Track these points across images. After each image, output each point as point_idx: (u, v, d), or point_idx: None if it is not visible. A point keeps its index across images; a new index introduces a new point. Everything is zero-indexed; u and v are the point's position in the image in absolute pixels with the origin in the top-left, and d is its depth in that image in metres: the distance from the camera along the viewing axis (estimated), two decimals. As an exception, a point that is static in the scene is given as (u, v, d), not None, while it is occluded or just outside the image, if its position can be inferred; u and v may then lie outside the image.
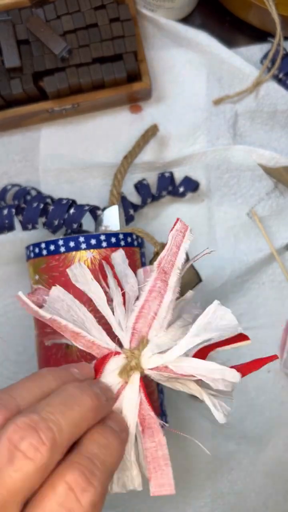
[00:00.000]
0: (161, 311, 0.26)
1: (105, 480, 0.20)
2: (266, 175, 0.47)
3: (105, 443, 0.21)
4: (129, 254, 0.38)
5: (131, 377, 0.25)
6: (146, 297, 0.27)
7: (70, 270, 0.28)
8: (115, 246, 0.37)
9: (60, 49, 0.44)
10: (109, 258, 0.35)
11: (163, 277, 0.27)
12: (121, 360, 0.26)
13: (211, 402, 0.25)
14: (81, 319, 0.27)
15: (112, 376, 0.25)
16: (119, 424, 0.23)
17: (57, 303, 0.27)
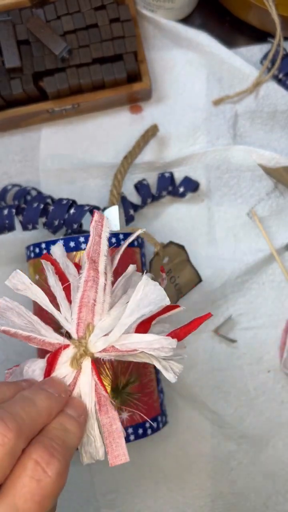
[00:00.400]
0: (98, 296, 0.29)
1: (66, 455, 0.23)
2: (266, 175, 0.47)
3: (63, 427, 0.25)
4: (129, 254, 0.38)
5: (82, 365, 0.28)
6: (83, 288, 0.29)
7: (9, 281, 0.30)
8: (116, 246, 0.37)
9: (60, 50, 0.44)
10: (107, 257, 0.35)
11: (93, 267, 0.29)
12: (71, 351, 0.28)
13: (161, 365, 0.28)
14: (29, 322, 0.29)
15: (64, 367, 0.28)
16: (77, 410, 0.27)
17: (8, 312, 0.29)
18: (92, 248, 0.30)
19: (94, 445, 0.28)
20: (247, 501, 0.45)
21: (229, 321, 0.47)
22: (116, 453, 0.27)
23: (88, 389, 0.28)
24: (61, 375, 0.28)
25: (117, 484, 0.44)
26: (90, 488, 0.44)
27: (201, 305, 0.46)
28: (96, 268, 0.29)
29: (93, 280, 0.29)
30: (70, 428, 0.25)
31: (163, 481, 0.45)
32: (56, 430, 0.24)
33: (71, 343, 0.28)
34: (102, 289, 0.29)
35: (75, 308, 0.29)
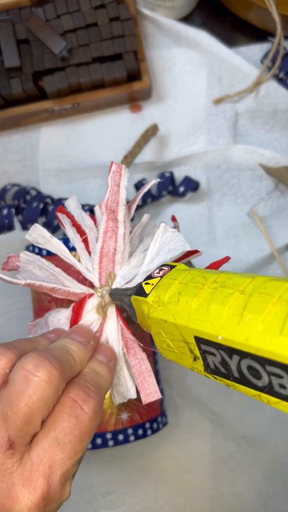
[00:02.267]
0: (118, 245, 0.30)
1: (99, 395, 0.25)
2: (266, 175, 0.47)
3: (95, 371, 0.27)
4: None
5: (108, 311, 0.29)
6: (103, 238, 0.30)
7: (29, 235, 0.30)
8: None
9: (60, 49, 0.44)
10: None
11: (112, 216, 0.30)
12: (95, 299, 0.29)
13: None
14: (52, 274, 0.30)
15: (91, 315, 0.29)
16: (106, 354, 0.28)
17: (29, 265, 0.30)
18: (111, 199, 0.30)
19: (125, 386, 0.29)
20: (247, 501, 0.45)
21: (229, 321, 0.47)
22: (148, 391, 0.28)
23: (115, 334, 0.29)
24: (88, 323, 0.29)
25: (117, 485, 0.44)
26: (90, 489, 0.44)
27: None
28: (116, 218, 0.30)
29: (112, 230, 0.30)
30: (101, 372, 0.27)
31: (163, 481, 0.45)
32: (89, 373, 0.26)
33: (95, 292, 0.29)
34: (122, 238, 0.30)
35: (96, 258, 0.30)
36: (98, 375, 0.26)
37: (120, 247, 0.30)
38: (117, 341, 0.29)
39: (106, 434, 0.36)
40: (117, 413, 0.36)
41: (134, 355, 0.29)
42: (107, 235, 0.30)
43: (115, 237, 0.30)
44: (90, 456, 0.45)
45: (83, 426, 0.23)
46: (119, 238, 0.30)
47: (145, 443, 0.45)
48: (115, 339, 0.29)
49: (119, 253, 0.30)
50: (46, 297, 0.36)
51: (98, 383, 0.26)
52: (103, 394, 0.26)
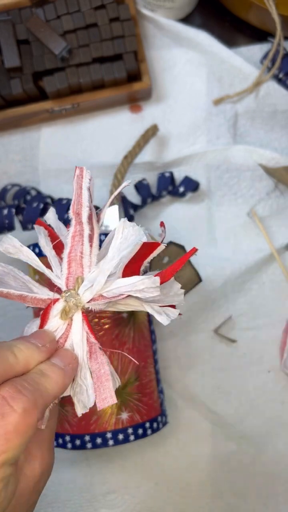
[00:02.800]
0: (84, 248, 0.29)
1: (37, 396, 0.23)
2: (266, 175, 0.47)
3: (42, 373, 0.25)
4: None
5: (74, 317, 0.29)
6: (71, 243, 0.30)
7: (1, 245, 0.30)
8: None
9: (60, 49, 0.44)
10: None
11: (78, 220, 0.30)
12: (60, 304, 0.29)
13: (152, 309, 0.28)
14: (23, 282, 0.30)
15: (55, 320, 0.29)
16: (63, 359, 0.27)
17: (5, 277, 0.30)
18: (76, 202, 0.30)
19: (86, 394, 0.28)
20: (247, 501, 0.45)
21: (229, 321, 0.47)
22: (103, 396, 0.27)
23: (79, 339, 0.28)
24: (53, 328, 0.29)
25: (117, 484, 0.44)
26: (90, 489, 0.44)
27: (201, 305, 0.46)
28: (80, 220, 0.30)
29: (80, 234, 0.29)
30: (50, 374, 0.25)
31: (163, 481, 0.45)
32: (32, 374, 0.25)
33: (61, 297, 0.29)
34: (88, 240, 0.29)
35: (65, 263, 0.29)
36: (44, 376, 0.25)
37: (86, 249, 0.29)
38: (81, 346, 0.28)
39: (106, 433, 0.36)
40: (117, 413, 0.36)
41: (95, 360, 0.28)
42: (75, 239, 0.29)
43: (82, 239, 0.29)
44: (90, 456, 0.45)
45: (9, 425, 0.22)
46: (85, 240, 0.29)
47: (145, 443, 0.45)
48: (78, 344, 0.28)
49: (86, 256, 0.29)
50: None
51: (39, 384, 0.24)
52: (46, 397, 0.24)
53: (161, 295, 0.28)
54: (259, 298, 0.47)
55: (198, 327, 0.46)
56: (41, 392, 0.24)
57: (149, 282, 0.26)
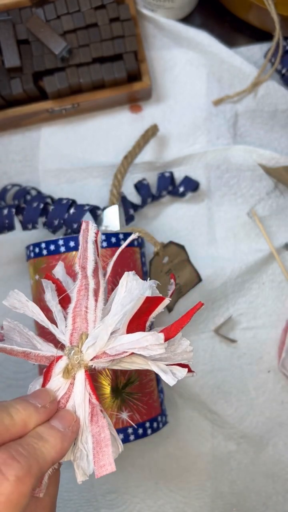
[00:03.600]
0: (89, 303, 0.29)
1: (32, 463, 0.22)
2: (266, 175, 0.47)
3: (39, 436, 0.24)
4: (129, 254, 0.38)
5: (76, 375, 0.27)
6: (76, 297, 0.29)
7: (7, 301, 0.30)
8: (115, 246, 0.37)
9: (60, 49, 0.44)
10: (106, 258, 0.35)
11: (84, 274, 0.29)
12: (63, 362, 0.28)
13: (158, 367, 0.26)
14: (27, 338, 0.29)
15: (58, 379, 0.27)
16: (63, 421, 0.25)
17: (11, 332, 0.30)
18: (82, 255, 0.29)
19: (86, 460, 0.26)
20: (247, 501, 0.45)
21: (229, 321, 0.47)
22: (102, 463, 0.26)
23: (80, 400, 0.27)
24: (55, 387, 0.27)
25: (117, 484, 0.44)
26: (90, 489, 0.44)
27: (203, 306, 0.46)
28: (86, 274, 0.29)
29: (85, 289, 0.29)
30: (48, 438, 0.24)
31: (163, 481, 0.45)
32: (29, 438, 0.23)
33: (64, 354, 0.28)
34: (92, 295, 0.29)
35: (69, 319, 0.29)
36: (41, 440, 0.23)
37: (91, 304, 0.28)
38: (83, 408, 0.27)
39: (106, 433, 0.36)
40: (117, 413, 0.36)
41: (96, 422, 0.27)
42: (81, 294, 0.29)
43: (87, 294, 0.29)
44: (90, 456, 0.45)
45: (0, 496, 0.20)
46: (90, 294, 0.28)
47: (145, 443, 0.45)
48: (80, 406, 0.27)
49: (90, 311, 0.28)
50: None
51: (36, 449, 0.23)
52: (42, 463, 0.23)
53: (168, 353, 0.27)
54: (259, 298, 0.47)
55: (198, 327, 0.46)
56: (37, 458, 0.22)
57: (152, 339, 0.25)
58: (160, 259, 0.43)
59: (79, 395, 0.27)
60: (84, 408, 0.27)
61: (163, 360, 0.27)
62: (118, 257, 0.36)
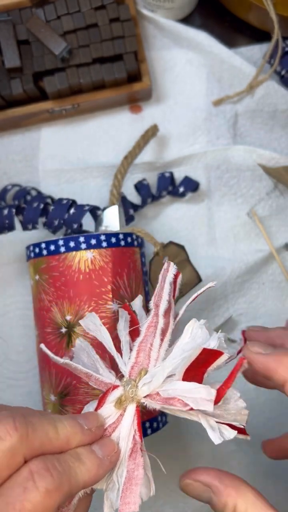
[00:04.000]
0: (155, 341, 0.29)
1: (64, 480, 0.22)
2: (266, 175, 0.47)
3: (78, 457, 0.24)
4: (129, 254, 0.38)
5: (127, 408, 0.28)
6: (145, 333, 0.30)
7: (83, 321, 0.31)
8: (116, 246, 0.37)
9: (60, 49, 0.44)
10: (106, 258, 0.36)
11: (156, 312, 0.30)
12: (119, 392, 0.28)
13: (207, 422, 0.26)
14: (93, 361, 0.30)
15: (110, 407, 0.28)
16: (103, 449, 0.26)
17: (81, 352, 0.31)
18: (158, 294, 0.30)
19: (116, 493, 0.26)
20: (247, 501, 0.45)
21: (229, 321, 0.47)
22: (127, 500, 0.26)
23: (125, 433, 0.27)
24: (105, 414, 0.28)
25: (117, 484, 0.44)
26: (90, 488, 0.44)
27: (201, 305, 0.46)
28: (157, 313, 0.29)
29: (154, 326, 0.29)
30: (85, 460, 0.24)
31: (163, 481, 0.45)
32: (68, 455, 0.24)
33: (121, 385, 0.28)
34: (159, 334, 0.29)
35: (134, 352, 0.29)
36: (78, 461, 0.24)
37: (157, 343, 0.29)
38: (126, 442, 0.27)
39: (106, 433, 0.36)
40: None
41: (134, 459, 0.27)
42: (149, 330, 0.29)
43: (155, 332, 0.29)
44: (90, 455, 0.45)
45: (28, 502, 0.20)
46: (157, 333, 0.29)
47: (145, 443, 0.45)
48: (124, 439, 0.27)
49: (154, 349, 0.29)
50: (46, 297, 0.36)
51: (71, 467, 0.23)
52: (74, 483, 0.23)
53: (221, 410, 0.27)
54: (259, 298, 0.47)
55: (198, 327, 0.46)
56: (70, 477, 0.23)
57: (204, 392, 0.25)
58: (160, 259, 0.43)
59: (126, 428, 0.27)
60: (127, 442, 0.27)
61: (215, 416, 0.27)
62: (118, 257, 0.36)
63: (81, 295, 0.35)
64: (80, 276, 0.35)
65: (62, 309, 0.36)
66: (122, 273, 0.37)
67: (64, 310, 0.36)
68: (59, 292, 0.36)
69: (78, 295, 0.35)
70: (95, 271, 0.36)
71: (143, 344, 0.29)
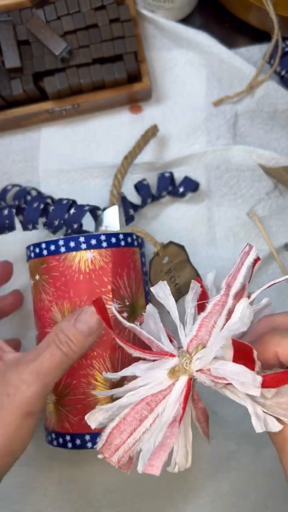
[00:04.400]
0: (220, 319, 0.29)
1: None
2: (266, 175, 0.47)
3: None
4: (129, 254, 0.38)
5: (180, 378, 0.28)
6: (210, 310, 0.29)
7: (154, 288, 0.31)
8: (116, 246, 0.37)
9: (60, 50, 0.44)
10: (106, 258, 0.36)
11: (227, 292, 0.29)
12: (173, 362, 0.29)
13: (254, 408, 0.26)
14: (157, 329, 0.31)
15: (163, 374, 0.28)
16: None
17: (149, 318, 0.32)
18: (232, 274, 0.30)
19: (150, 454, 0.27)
20: (247, 501, 0.45)
21: (229, 321, 0.47)
22: (152, 462, 0.27)
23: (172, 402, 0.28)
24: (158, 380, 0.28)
25: (117, 484, 0.44)
26: (90, 488, 0.44)
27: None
28: (228, 293, 0.29)
29: (222, 305, 0.29)
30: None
31: (163, 481, 0.45)
32: None
33: (177, 355, 0.29)
34: (226, 313, 0.29)
35: (196, 325, 0.29)
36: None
37: (221, 322, 0.29)
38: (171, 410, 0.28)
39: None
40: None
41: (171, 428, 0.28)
42: (215, 308, 0.29)
43: (221, 311, 0.29)
44: (90, 455, 0.45)
45: None
46: (223, 312, 0.29)
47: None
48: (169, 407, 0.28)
49: (217, 328, 0.29)
50: (46, 297, 0.37)
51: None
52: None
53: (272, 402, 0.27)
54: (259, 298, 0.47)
55: (198, 327, 0.46)
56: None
57: (250, 378, 0.25)
58: (160, 259, 0.43)
59: (173, 398, 0.28)
60: (172, 410, 0.28)
61: (265, 406, 0.27)
62: (118, 258, 0.36)
63: (81, 295, 0.35)
64: (80, 276, 0.35)
65: (62, 309, 0.36)
66: (122, 273, 0.37)
67: (64, 310, 0.36)
68: (59, 292, 0.36)
69: (78, 295, 0.35)
70: (95, 271, 0.36)
71: (206, 319, 0.29)
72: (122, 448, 0.29)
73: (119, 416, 0.28)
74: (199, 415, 0.33)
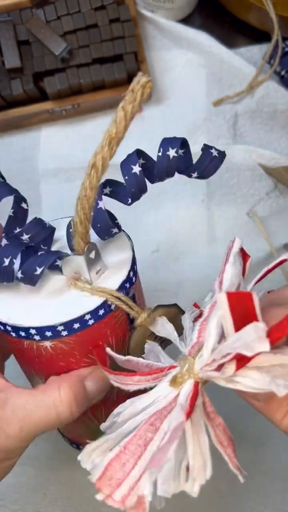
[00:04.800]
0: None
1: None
2: (266, 175, 0.47)
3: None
4: (104, 325, 0.29)
5: (184, 385, 0.26)
6: (208, 312, 0.29)
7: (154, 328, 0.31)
8: (81, 330, 0.27)
9: (60, 50, 0.44)
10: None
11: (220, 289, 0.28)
12: (175, 371, 0.27)
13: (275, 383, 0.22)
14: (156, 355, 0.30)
15: (165, 386, 0.26)
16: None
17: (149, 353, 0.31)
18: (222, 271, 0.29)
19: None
20: (246, 500, 0.45)
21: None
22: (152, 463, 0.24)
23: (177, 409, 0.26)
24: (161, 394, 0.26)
25: (117, 484, 0.44)
26: (90, 487, 0.44)
27: (201, 305, 0.46)
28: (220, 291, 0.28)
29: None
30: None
31: (163, 480, 0.45)
32: None
33: (178, 364, 0.27)
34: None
35: (195, 332, 0.28)
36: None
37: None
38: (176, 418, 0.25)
39: (106, 433, 0.36)
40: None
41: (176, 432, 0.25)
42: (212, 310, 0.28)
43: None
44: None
45: None
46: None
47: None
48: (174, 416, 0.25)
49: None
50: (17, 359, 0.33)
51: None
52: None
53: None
54: None
55: (198, 326, 0.46)
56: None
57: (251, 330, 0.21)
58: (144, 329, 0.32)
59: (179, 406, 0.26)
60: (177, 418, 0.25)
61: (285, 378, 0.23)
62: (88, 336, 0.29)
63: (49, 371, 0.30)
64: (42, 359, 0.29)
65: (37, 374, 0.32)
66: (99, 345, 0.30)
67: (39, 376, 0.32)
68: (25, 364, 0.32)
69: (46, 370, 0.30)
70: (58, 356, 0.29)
71: (205, 322, 0.28)
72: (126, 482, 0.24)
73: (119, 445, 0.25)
74: (220, 436, 0.28)
